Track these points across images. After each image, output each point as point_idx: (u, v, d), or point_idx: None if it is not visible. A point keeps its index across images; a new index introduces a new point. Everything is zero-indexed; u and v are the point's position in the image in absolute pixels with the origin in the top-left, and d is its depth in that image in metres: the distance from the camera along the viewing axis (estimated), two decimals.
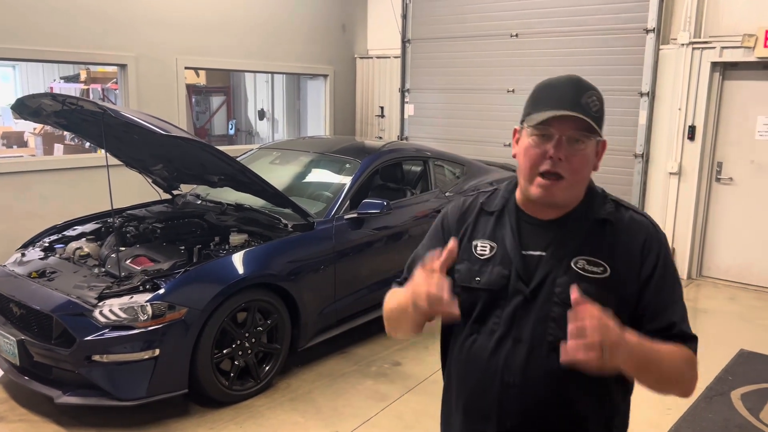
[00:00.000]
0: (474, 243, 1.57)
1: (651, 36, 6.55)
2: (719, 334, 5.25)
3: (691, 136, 6.46)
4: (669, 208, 6.66)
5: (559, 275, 1.45)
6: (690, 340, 1.45)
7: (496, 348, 1.48)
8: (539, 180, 1.45)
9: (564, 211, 1.50)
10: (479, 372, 1.52)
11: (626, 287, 1.45)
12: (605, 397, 1.47)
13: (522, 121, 1.52)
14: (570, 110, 1.42)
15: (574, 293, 1.26)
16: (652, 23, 6.53)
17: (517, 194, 1.57)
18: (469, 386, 1.56)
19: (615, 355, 1.24)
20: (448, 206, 1.70)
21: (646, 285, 1.45)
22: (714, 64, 6.29)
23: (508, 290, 1.49)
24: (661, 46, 6.57)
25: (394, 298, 1.58)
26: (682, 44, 6.39)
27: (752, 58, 6.00)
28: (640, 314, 1.45)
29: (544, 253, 1.48)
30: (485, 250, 1.54)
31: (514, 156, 1.54)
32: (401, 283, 1.64)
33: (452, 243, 1.42)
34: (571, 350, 1.22)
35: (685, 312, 1.49)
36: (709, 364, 4.56)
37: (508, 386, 1.47)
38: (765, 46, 5.87)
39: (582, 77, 1.52)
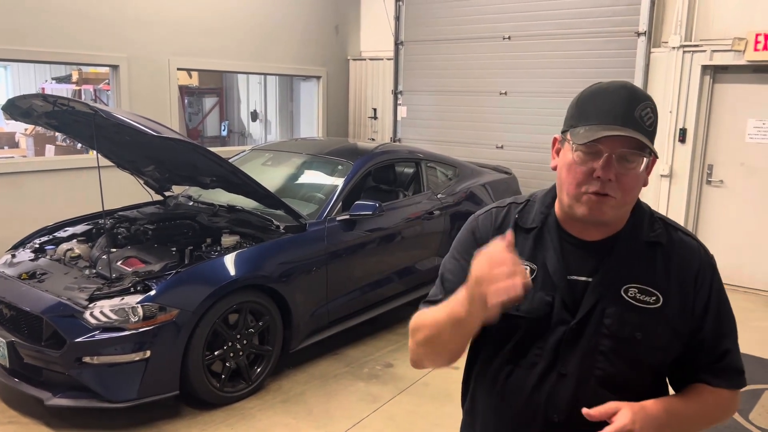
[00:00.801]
0: None
1: (642, 39, 6.59)
2: None
3: (682, 138, 6.50)
4: (660, 211, 6.66)
5: (608, 305, 1.33)
6: (737, 376, 1.40)
7: (538, 383, 1.37)
8: (586, 197, 1.30)
9: (610, 231, 1.37)
10: (518, 407, 1.40)
11: (679, 318, 1.35)
12: None
13: (564, 131, 1.36)
14: (622, 127, 1.26)
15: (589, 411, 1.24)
16: (643, 26, 6.57)
17: (557, 210, 1.42)
18: (504, 421, 1.44)
19: None
20: (477, 218, 1.53)
21: (703, 317, 1.37)
22: (704, 68, 6.33)
23: (551, 319, 1.36)
24: (652, 49, 6.61)
25: (431, 315, 1.37)
26: (673, 47, 6.43)
27: (742, 62, 6.04)
28: (696, 346, 1.38)
29: (590, 279, 1.35)
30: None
31: (554, 168, 1.40)
32: (434, 303, 1.48)
33: (509, 235, 1.22)
34: None
35: (737, 343, 1.42)
36: None
37: (552, 424, 1.36)
38: (755, 49, 5.92)
39: (633, 84, 1.36)
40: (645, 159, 1.29)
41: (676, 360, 1.40)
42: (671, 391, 1.47)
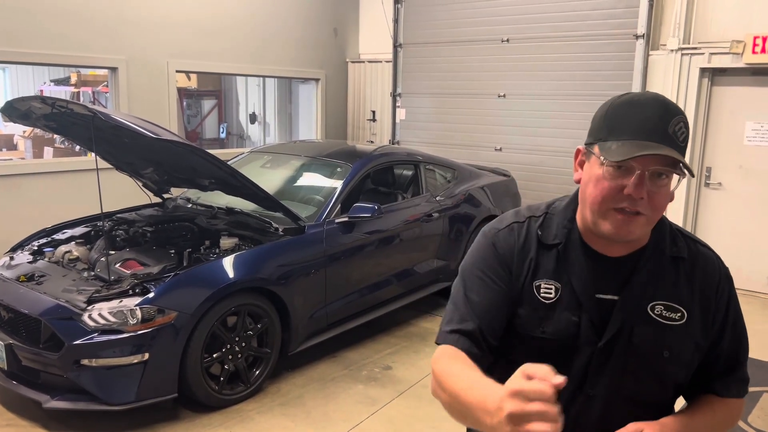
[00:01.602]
0: (536, 283, 1.34)
1: (641, 42, 6.60)
2: None
3: None
4: None
5: (636, 323, 1.30)
6: (744, 385, 1.41)
7: (566, 405, 1.26)
8: (614, 215, 1.23)
9: (634, 246, 1.32)
10: None
11: (701, 332, 1.35)
12: None
13: (590, 143, 1.29)
14: (658, 144, 1.19)
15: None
16: (641, 29, 6.58)
17: (579, 224, 1.36)
18: None
19: None
20: (498, 233, 1.41)
21: (722, 329, 1.37)
22: (703, 70, 6.34)
23: (578, 339, 1.31)
24: (650, 52, 6.62)
25: (459, 383, 1.18)
26: (672, 50, 6.45)
27: (740, 64, 6.05)
28: (714, 357, 1.38)
29: (616, 297, 1.31)
30: (550, 293, 1.33)
31: (577, 181, 1.34)
32: (455, 330, 1.34)
33: (563, 380, 0.95)
34: None
35: (748, 352, 1.43)
36: None
37: None
38: (753, 52, 5.93)
39: (666, 98, 1.27)
40: (678, 177, 1.23)
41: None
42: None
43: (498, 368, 1.39)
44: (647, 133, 1.20)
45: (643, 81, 6.64)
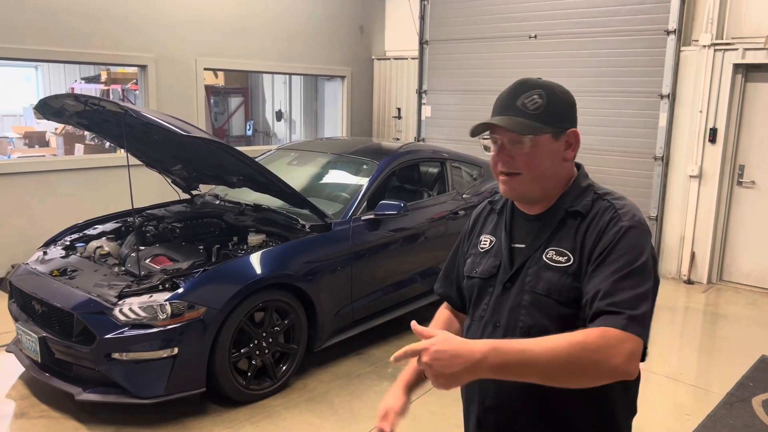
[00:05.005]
0: (481, 238, 1.71)
1: (672, 37, 6.49)
2: (740, 340, 5.18)
3: (713, 138, 6.39)
4: (689, 212, 6.58)
5: (531, 266, 1.53)
6: (614, 315, 1.30)
7: (482, 333, 1.59)
8: (501, 178, 1.55)
9: (547, 206, 1.57)
10: None
11: (583, 271, 1.45)
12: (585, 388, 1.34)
13: None
14: (498, 116, 1.51)
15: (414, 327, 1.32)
16: (672, 24, 6.47)
17: None
18: None
19: (453, 377, 1.26)
20: (476, 209, 1.84)
21: (595, 262, 1.41)
22: (736, 66, 6.21)
23: (495, 279, 1.60)
24: (682, 48, 6.50)
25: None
26: (704, 46, 6.32)
27: None
28: (586, 292, 1.40)
29: (524, 245, 1.58)
30: (486, 244, 1.68)
31: None
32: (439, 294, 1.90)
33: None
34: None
35: (624, 290, 1.33)
36: (730, 370, 4.50)
37: None
38: None
39: (530, 78, 1.56)
40: (542, 137, 1.48)
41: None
42: None
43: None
44: (497, 110, 1.54)
45: (674, 77, 6.52)
